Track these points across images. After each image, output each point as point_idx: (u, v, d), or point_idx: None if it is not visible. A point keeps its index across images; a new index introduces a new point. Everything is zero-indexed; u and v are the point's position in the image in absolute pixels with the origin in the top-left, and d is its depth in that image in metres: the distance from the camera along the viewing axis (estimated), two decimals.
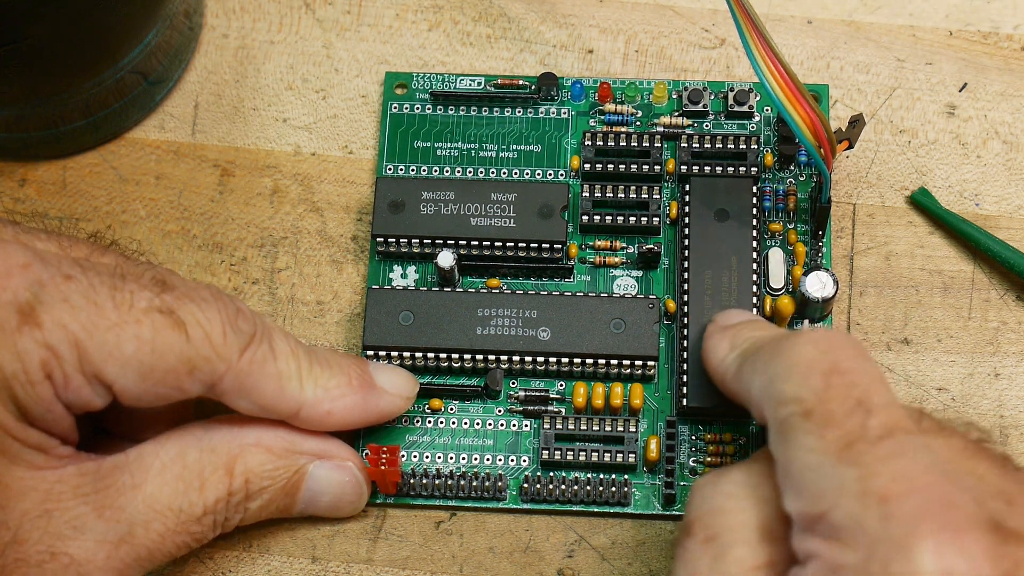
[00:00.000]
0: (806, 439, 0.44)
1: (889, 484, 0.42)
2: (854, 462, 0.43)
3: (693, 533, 0.46)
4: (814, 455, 0.44)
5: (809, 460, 0.44)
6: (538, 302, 0.57)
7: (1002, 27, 0.63)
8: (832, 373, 0.45)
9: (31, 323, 0.47)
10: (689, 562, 0.46)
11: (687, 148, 0.59)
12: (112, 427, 0.54)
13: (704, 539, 0.46)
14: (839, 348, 0.46)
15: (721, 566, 0.45)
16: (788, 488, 0.44)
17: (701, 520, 0.46)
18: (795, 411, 0.45)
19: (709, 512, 0.47)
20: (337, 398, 0.53)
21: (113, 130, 0.62)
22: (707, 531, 0.46)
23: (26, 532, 0.49)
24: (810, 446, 0.44)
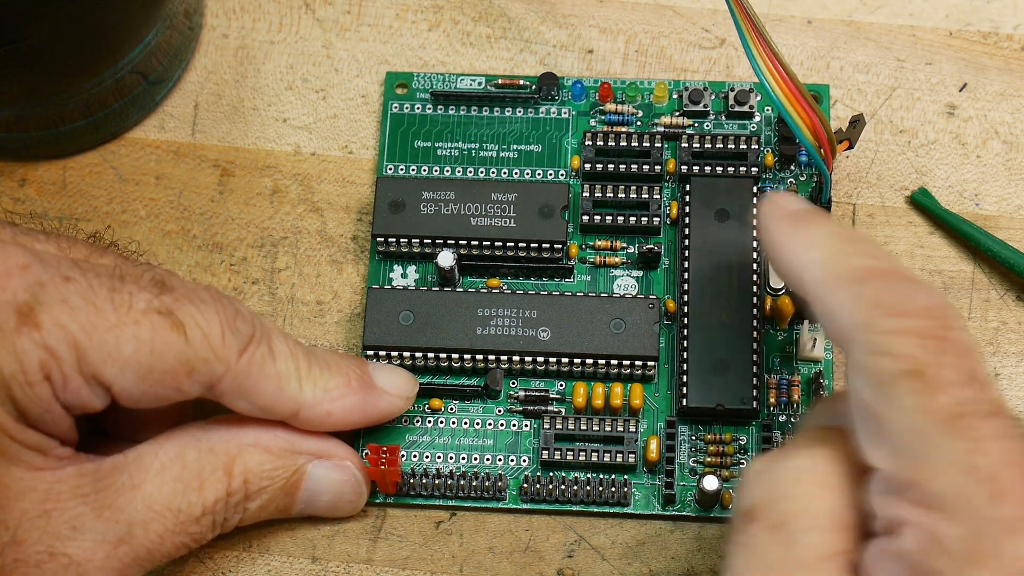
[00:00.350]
0: (912, 399, 0.42)
1: (999, 464, 0.41)
2: (963, 435, 0.42)
3: (758, 519, 0.44)
4: (919, 418, 0.42)
5: (913, 422, 0.42)
6: (538, 302, 0.57)
7: (1002, 27, 0.63)
8: (946, 339, 0.44)
9: (30, 324, 0.47)
10: (755, 549, 0.44)
11: (687, 148, 0.59)
12: (110, 428, 0.54)
13: (771, 526, 0.44)
14: (952, 315, 0.44)
15: (793, 553, 0.43)
16: (880, 443, 0.43)
17: (766, 506, 0.45)
18: (902, 367, 0.43)
19: (775, 498, 0.45)
20: (336, 399, 0.53)
21: (113, 130, 0.62)
22: (774, 517, 0.44)
23: (25, 532, 0.49)
24: (916, 407, 0.42)
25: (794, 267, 0.48)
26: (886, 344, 0.43)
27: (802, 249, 0.48)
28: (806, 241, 0.48)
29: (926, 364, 0.43)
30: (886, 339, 0.44)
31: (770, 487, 0.45)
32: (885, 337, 0.44)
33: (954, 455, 0.41)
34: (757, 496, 0.45)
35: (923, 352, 0.43)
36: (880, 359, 0.43)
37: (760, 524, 0.44)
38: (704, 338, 0.56)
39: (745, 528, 0.45)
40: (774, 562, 0.44)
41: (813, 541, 0.44)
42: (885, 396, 0.43)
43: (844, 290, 0.46)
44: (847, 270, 0.46)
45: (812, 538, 0.44)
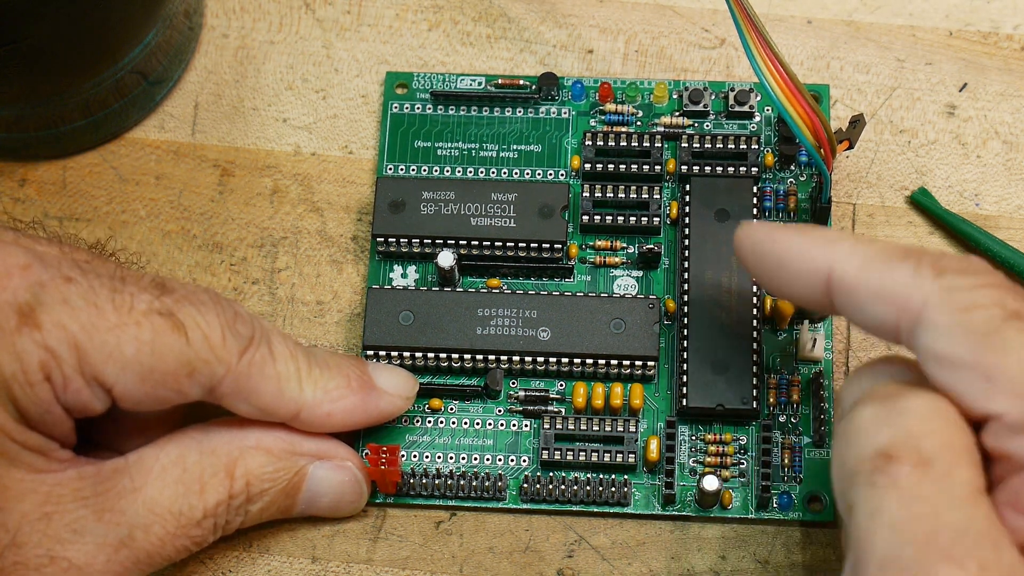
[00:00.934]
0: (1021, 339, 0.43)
1: None
2: None
3: (901, 459, 0.43)
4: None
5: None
6: (538, 302, 0.57)
7: (1002, 27, 0.63)
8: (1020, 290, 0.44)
9: (30, 324, 0.47)
10: (905, 489, 0.42)
11: (687, 148, 0.59)
12: (101, 439, 0.54)
13: (918, 463, 0.42)
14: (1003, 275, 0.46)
15: (950, 489, 0.42)
16: (998, 389, 0.43)
17: (908, 444, 0.43)
18: (1001, 314, 0.43)
19: (914, 435, 0.43)
20: (337, 400, 0.53)
21: (113, 130, 0.62)
22: (919, 454, 0.43)
23: (25, 535, 0.49)
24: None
25: (817, 266, 0.47)
26: (973, 299, 0.44)
27: (825, 246, 0.47)
28: (828, 238, 0.48)
29: (1020, 307, 0.44)
30: (971, 294, 0.44)
31: (903, 426, 0.44)
32: (968, 293, 0.44)
33: None
34: (891, 435, 0.43)
35: (1013, 299, 0.44)
36: (974, 312, 0.44)
37: (904, 464, 0.43)
38: (704, 338, 0.56)
39: (886, 470, 0.43)
40: (933, 499, 0.42)
41: (965, 475, 0.43)
42: (992, 344, 0.43)
43: (901, 265, 0.45)
44: (891, 250, 0.46)
45: (963, 472, 0.43)
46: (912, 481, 0.42)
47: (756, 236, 0.50)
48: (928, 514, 0.42)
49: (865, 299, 0.46)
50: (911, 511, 0.42)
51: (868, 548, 0.42)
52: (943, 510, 0.42)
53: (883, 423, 0.44)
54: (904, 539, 0.42)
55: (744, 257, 0.50)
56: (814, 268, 0.47)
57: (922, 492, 0.42)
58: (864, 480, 0.43)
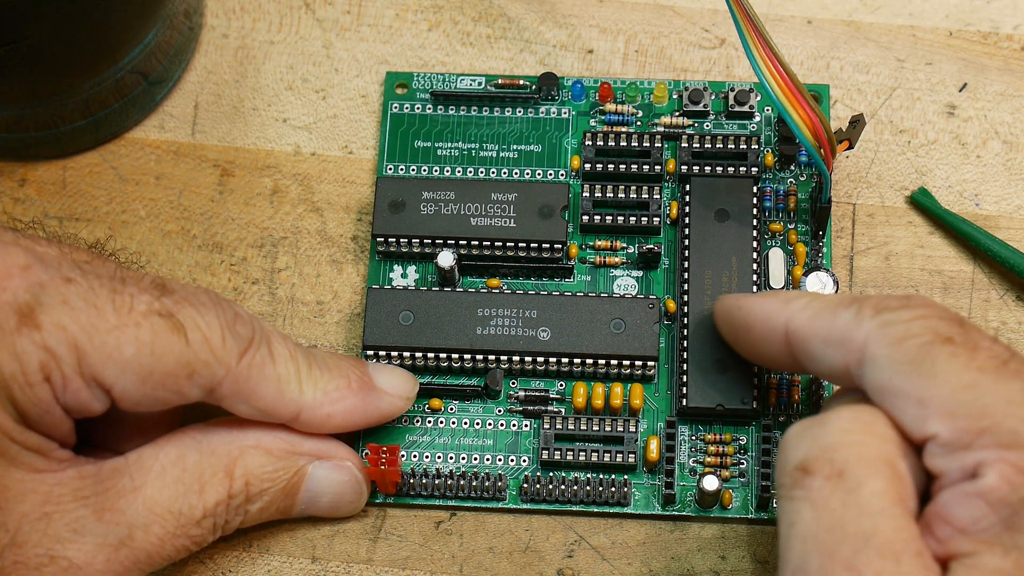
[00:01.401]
0: (954, 361, 0.44)
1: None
2: (1015, 376, 0.44)
3: (815, 471, 0.44)
4: (968, 373, 0.44)
5: (962, 379, 0.44)
6: (538, 302, 0.57)
7: (1002, 27, 0.63)
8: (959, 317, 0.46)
9: (30, 325, 0.47)
10: (814, 501, 0.44)
11: (687, 148, 0.59)
12: (101, 438, 0.54)
13: (831, 475, 0.44)
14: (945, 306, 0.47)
15: (857, 500, 0.44)
16: (931, 413, 0.44)
17: (821, 457, 0.45)
18: (932, 340, 0.45)
19: (830, 447, 0.45)
20: (336, 401, 0.53)
21: (113, 130, 0.62)
22: (833, 466, 0.44)
23: (25, 535, 0.49)
24: (961, 366, 0.44)
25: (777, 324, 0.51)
26: (906, 330, 0.46)
27: (781, 305, 0.51)
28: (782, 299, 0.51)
29: (952, 332, 0.45)
30: (904, 327, 0.46)
31: (821, 439, 0.45)
32: (902, 326, 0.46)
33: (1014, 394, 0.44)
34: (808, 449, 0.45)
35: (944, 326, 0.46)
36: (907, 342, 0.46)
37: (818, 476, 0.44)
38: (704, 338, 0.56)
39: (802, 483, 0.45)
40: (840, 511, 0.43)
41: (876, 486, 0.44)
42: (924, 370, 0.45)
43: (844, 311, 0.48)
44: (837, 300, 0.49)
45: (875, 483, 0.44)
46: (824, 493, 0.44)
47: (725, 306, 0.54)
48: (835, 525, 0.43)
49: (816, 347, 0.49)
50: (820, 522, 0.44)
51: (784, 559, 0.44)
52: (849, 521, 0.43)
53: (804, 437, 0.46)
54: (811, 549, 0.43)
55: (720, 328, 0.55)
56: (773, 327, 0.51)
57: (832, 503, 0.44)
58: (784, 493, 0.45)
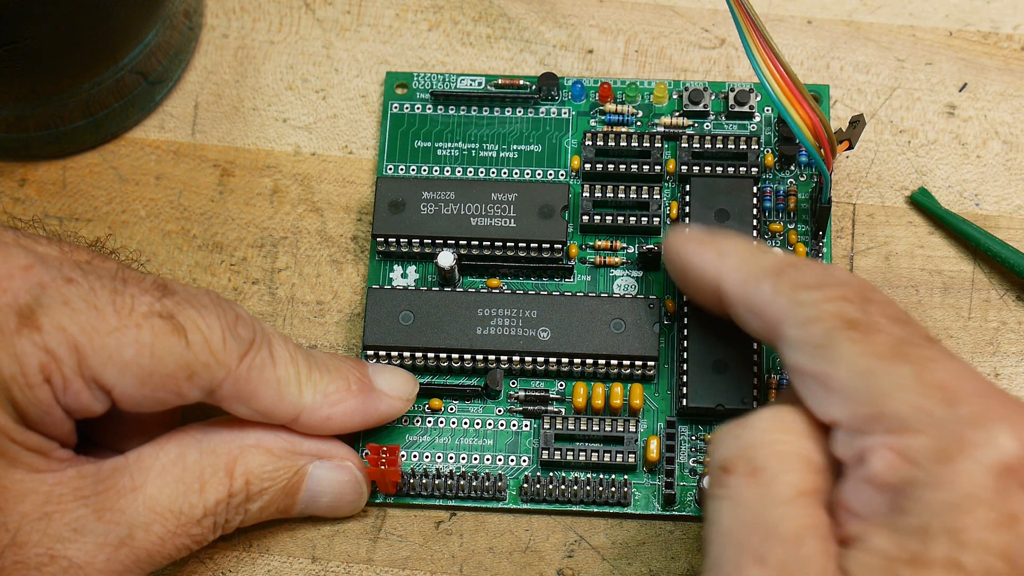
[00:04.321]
0: (853, 346, 0.46)
1: (946, 377, 0.44)
2: (907, 361, 0.45)
3: (734, 470, 0.46)
4: (864, 359, 0.45)
5: (859, 364, 0.45)
6: (538, 302, 0.57)
7: (1002, 27, 0.63)
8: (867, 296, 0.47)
9: (30, 326, 0.47)
10: (734, 498, 0.46)
11: (687, 148, 0.59)
12: (101, 438, 0.54)
13: (748, 472, 0.46)
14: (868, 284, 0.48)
15: (771, 493, 0.45)
16: (833, 398, 0.46)
17: (741, 456, 0.46)
18: (836, 325, 0.46)
19: (749, 447, 0.46)
20: (336, 403, 0.53)
21: (113, 130, 0.62)
22: (750, 464, 0.46)
23: (25, 535, 0.49)
24: (857, 352, 0.45)
25: (710, 279, 0.51)
26: (815, 312, 0.47)
27: (716, 260, 0.51)
28: (718, 252, 0.51)
29: (856, 316, 0.46)
30: (814, 308, 0.47)
31: (743, 439, 0.47)
32: (812, 307, 0.47)
33: (903, 379, 0.44)
34: (729, 450, 0.47)
35: (851, 308, 0.47)
36: (812, 325, 0.47)
37: (737, 474, 0.46)
38: (704, 338, 0.56)
39: (723, 482, 0.46)
40: (754, 504, 0.45)
41: (789, 479, 0.45)
42: (825, 355, 0.46)
43: (765, 282, 0.49)
44: (763, 267, 0.50)
45: (787, 477, 0.45)
46: (740, 491, 0.46)
47: (670, 245, 0.54)
48: (749, 519, 0.45)
49: (743, 313, 0.50)
50: (736, 518, 0.45)
51: (705, 555, 0.45)
52: (761, 513, 0.45)
53: (727, 439, 0.47)
54: (727, 543, 0.45)
55: (667, 265, 0.55)
56: (708, 281, 0.52)
57: (747, 498, 0.45)
58: (708, 493, 0.47)
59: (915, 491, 0.43)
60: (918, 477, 0.43)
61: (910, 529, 0.43)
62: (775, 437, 0.46)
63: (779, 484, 0.45)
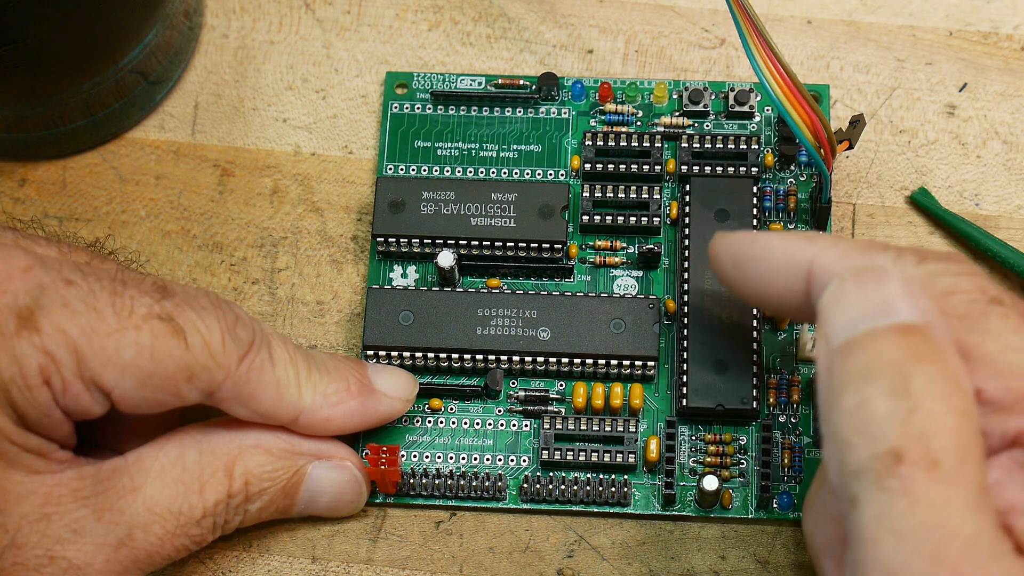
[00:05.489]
0: (1004, 321, 0.44)
1: None
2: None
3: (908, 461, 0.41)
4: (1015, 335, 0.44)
5: (1013, 341, 0.44)
6: (538, 302, 0.57)
7: (1002, 27, 0.63)
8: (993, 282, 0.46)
9: (30, 328, 0.47)
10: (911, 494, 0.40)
11: (687, 148, 0.59)
12: (100, 439, 0.54)
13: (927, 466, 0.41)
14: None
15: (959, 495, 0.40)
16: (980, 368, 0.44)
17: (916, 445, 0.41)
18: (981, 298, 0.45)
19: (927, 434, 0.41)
20: (336, 404, 0.53)
21: (113, 130, 0.62)
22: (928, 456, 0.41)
23: (25, 536, 0.49)
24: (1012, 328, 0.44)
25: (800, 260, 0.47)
26: (956, 283, 0.45)
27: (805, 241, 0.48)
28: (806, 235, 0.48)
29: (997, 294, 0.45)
30: (954, 279, 0.45)
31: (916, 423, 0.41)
32: (953, 278, 0.45)
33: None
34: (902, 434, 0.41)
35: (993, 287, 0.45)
36: (955, 296, 0.45)
37: (913, 466, 0.41)
38: (704, 338, 0.56)
39: (895, 472, 0.41)
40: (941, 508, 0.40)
41: (974, 477, 0.41)
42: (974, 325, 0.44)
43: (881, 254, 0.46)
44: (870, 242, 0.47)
45: (972, 473, 0.41)
46: (921, 485, 0.41)
47: (736, 238, 0.50)
48: (936, 523, 0.40)
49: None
50: (919, 519, 0.40)
51: (872, 553, 0.41)
52: (951, 518, 0.40)
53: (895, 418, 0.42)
54: (911, 549, 0.40)
55: (722, 260, 0.51)
56: (795, 262, 0.48)
57: (931, 498, 0.41)
58: (872, 480, 0.41)
59: None
60: None
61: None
62: (951, 422, 0.41)
63: (964, 482, 0.41)
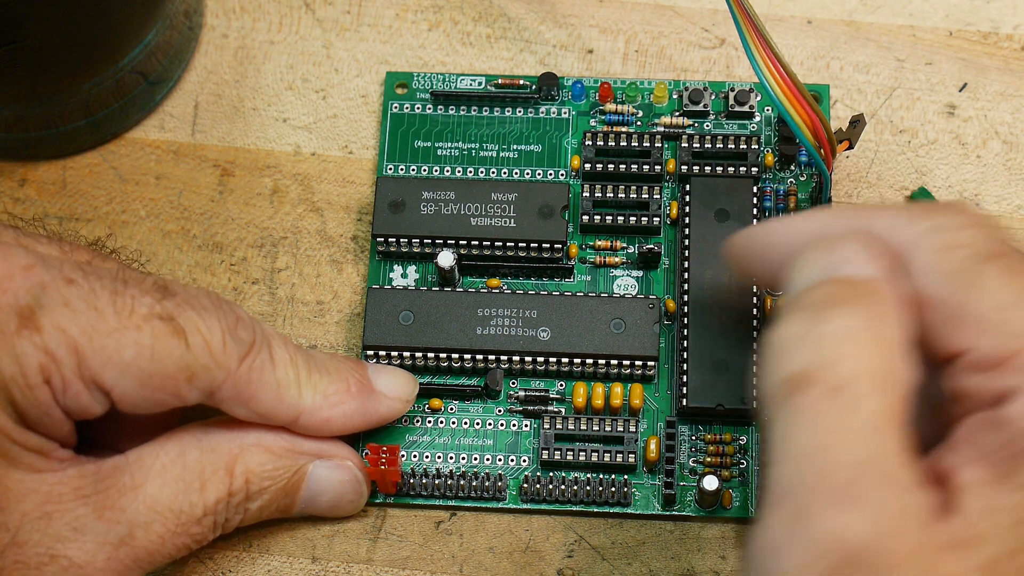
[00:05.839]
0: (999, 277, 0.43)
1: None
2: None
3: (813, 383, 0.41)
4: (1008, 291, 0.43)
5: (1006, 297, 0.43)
6: (538, 302, 0.57)
7: (1002, 27, 0.63)
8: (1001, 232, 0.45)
9: (31, 327, 0.47)
10: (811, 417, 0.41)
11: (687, 148, 0.59)
12: (101, 437, 0.53)
13: (827, 391, 0.41)
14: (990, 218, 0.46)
15: (855, 419, 0.40)
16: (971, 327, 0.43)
17: (822, 369, 0.41)
18: (977, 253, 0.44)
19: (829, 360, 0.41)
20: (336, 405, 0.53)
21: (113, 130, 0.62)
22: (831, 381, 0.41)
23: (25, 534, 0.49)
24: (1006, 284, 0.43)
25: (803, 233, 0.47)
26: (955, 238, 0.44)
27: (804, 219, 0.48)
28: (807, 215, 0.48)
29: (1001, 249, 0.44)
30: (953, 234, 0.44)
31: (822, 348, 0.42)
32: (952, 232, 0.44)
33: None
34: (807, 359, 0.42)
35: (992, 240, 0.44)
36: (952, 252, 0.44)
37: (815, 390, 0.41)
38: (704, 338, 0.56)
39: (796, 396, 0.41)
40: (838, 430, 0.40)
41: (876, 405, 0.41)
42: (967, 281, 0.43)
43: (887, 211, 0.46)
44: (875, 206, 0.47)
45: (874, 402, 0.41)
46: (820, 409, 0.41)
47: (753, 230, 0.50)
48: (831, 444, 0.40)
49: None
50: (816, 440, 0.40)
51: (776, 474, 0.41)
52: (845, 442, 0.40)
53: (804, 344, 0.42)
54: (806, 470, 0.40)
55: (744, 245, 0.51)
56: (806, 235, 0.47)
57: (829, 420, 0.40)
58: (778, 403, 0.42)
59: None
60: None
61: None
62: (859, 349, 0.41)
63: (864, 410, 0.40)
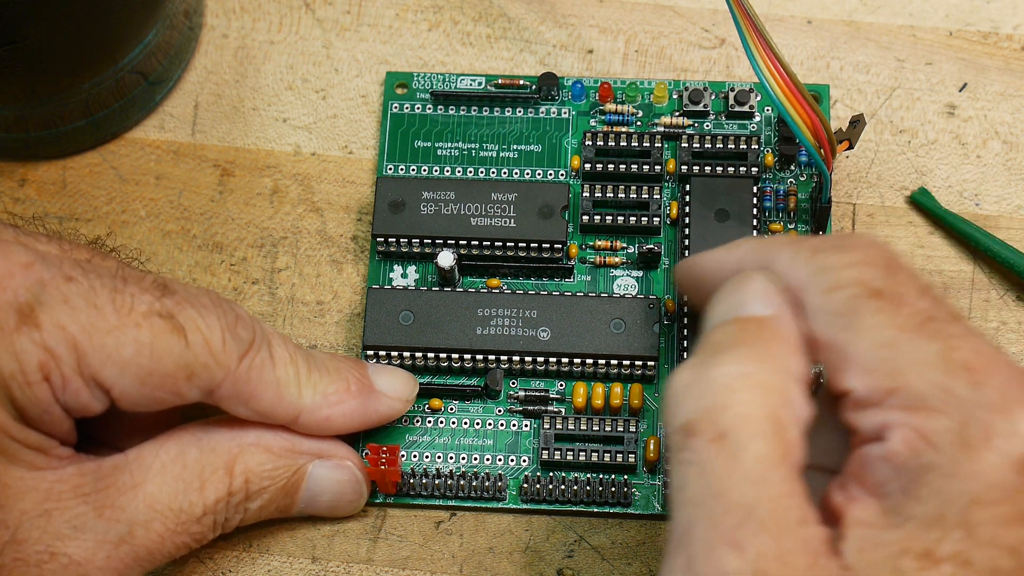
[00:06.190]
0: (877, 317, 0.44)
1: (973, 357, 0.43)
2: (933, 337, 0.43)
3: (698, 433, 0.43)
4: (888, 330, 0.44)
5: (882, 336, 0.44)
6: (538, 302, 0.57)
7: (1002, 27, 0.63)
8: (892, 264, 0.45)
9: (30, 324, 0.47)
10: (699, 465, 0.42)
11: (687, 148, 0.59)
12: (101, 435, 0.53)
13: (713, 438, 0.42)
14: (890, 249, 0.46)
15: (741, 465, 0.42)
16: (853, 368, 0.44)
17: (705, 418, 0.43)
18: (860, 292, 0.44)
19: (712, 408, 0.43)
20: (336, 404, 0.53)
21: (113, 130, 0.62)
22: (715, 429, 0.42)
23: (25, 532, 0.49)
24: (882, 322, 0.44)
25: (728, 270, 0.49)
26: (839, 278, 0.45)
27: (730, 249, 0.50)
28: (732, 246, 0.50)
29: (883, 285, 0.45)
30: (838, 274, 0.45)
31: (705, 397, 0.43)
32: (837, 272, 0.45)
33: (928, 356, 0.43)
34: (693, 409, 0.43)
35: (876, 276, 0.45)
36: (836, 292, 0.45)
37: (701, 438, 0.43)
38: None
39: (687, 444, 0.43)
40: (724, 477, 0.42)
41: (760, 449, 0.42)
42: (848, 323, 0.44)
43: (784, 251, 0.47)
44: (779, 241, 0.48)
45: (758, 446, 0.42)
46: (706, 457, 0.42)
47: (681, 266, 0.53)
48: (720, 491, 0.42)
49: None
50: (706, 487, 0.42)
51: (673, 520, 0.43)
52: (733, 489, 0.42)
53: (689, 394, 0.44)
54: (697, 516, 0.42)
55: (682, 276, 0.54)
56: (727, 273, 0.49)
57: (716, 468, 0.42)
58: (673, 455, 0.44)
59: (932, 477, 0.42)
60: (936, 462, 0.42)
61: (922, 518, 0.41)
62: (741, 396, 0.43)
63: (749, 455, 0.42)
